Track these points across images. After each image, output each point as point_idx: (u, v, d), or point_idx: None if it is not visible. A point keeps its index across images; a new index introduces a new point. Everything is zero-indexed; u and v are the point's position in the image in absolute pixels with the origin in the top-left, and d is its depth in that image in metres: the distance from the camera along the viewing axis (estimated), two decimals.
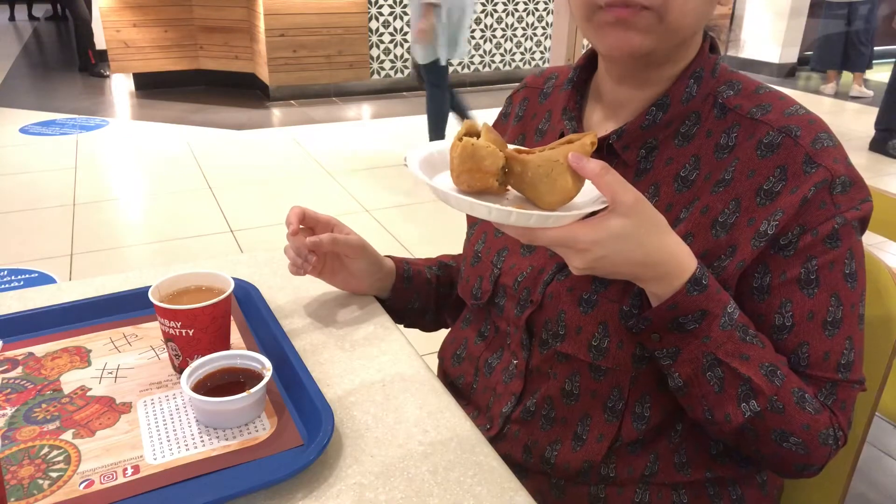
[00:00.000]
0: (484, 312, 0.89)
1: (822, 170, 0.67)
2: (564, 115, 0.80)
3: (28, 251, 2.93)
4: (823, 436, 0.69)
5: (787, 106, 0.72)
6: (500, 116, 0.96)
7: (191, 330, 0.78)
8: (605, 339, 0.74)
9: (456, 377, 0.93)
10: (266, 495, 0.64)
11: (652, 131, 0.74)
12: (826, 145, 0.69)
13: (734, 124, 0.72)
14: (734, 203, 0.70)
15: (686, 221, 0.72)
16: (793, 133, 0.69)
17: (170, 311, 0.77)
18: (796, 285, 0.69)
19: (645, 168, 0.75)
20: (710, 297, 0.65)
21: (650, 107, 0.74)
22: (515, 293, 0.81)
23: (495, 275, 0.84)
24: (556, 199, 0.61)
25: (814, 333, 0.69)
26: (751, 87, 0.75)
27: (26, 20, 11.09)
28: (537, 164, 0.61)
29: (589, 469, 0.79)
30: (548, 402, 0.80)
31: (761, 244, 0.68)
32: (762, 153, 0.70)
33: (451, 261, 1.07)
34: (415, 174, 0.63)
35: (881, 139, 4.46)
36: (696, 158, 0.73)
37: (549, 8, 6.28)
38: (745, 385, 0.67)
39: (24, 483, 0.64)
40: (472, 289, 0.88)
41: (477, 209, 0.59)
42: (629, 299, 0.72)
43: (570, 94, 0.82)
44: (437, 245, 2.96)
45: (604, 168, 0.59)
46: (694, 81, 0.74)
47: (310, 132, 4.77)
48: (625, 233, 0.60)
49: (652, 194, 0.74)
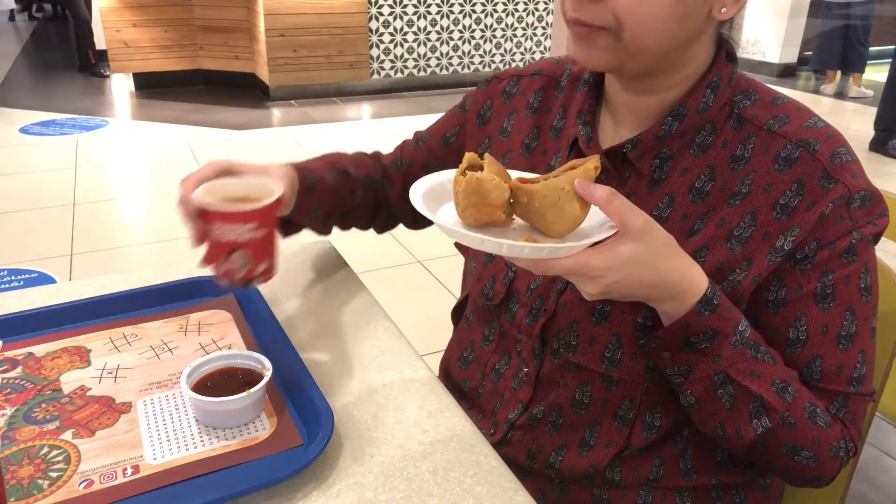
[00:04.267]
0: (491, 314, 0.88)
1: (841, 186, 0.67)
2: (579, 119, 0.79)
3: (28, 251, 2.92)
4: (835, 448, 0.69)
5: (805, 118, 0.71)
6: (502, 93, 0.91)
7: (265, 230, 0.74)
8: (618, 350, 0.74)
9: (462, 380, 0.93)
10: (266, 495, 0.64)
11: (667, 141, 0.73)
12: (845, 160, 0.68)
13: (750, 135, 0.71)
14: (750, 217, 0.69)
15: (701, 234, 0.71)
16: (811, 147, 0.68)
17: (243, 213, 0.72)
18: (812, 299, 0.69)
19: (659, 178, 0.74)
20: (721, 317, 0.65)
21: (666, 116, 0.73)
22: (528, 300, 0.80)
23: (510, 278, 0.83)
24: (564, 226, 0.62)
25: (828, 347, 0.69)
26: (768, 97, 0.74)
27: (26, 20, 11.08)
28: (543, 193, 0.61)
29: (594, 473, 0.78)
30: (556, 409, 0.80)
31: (777, 259, 0.68)
32: (780, 167, 0.69)
33: (351, 165, 0.97)
34: (421, 211, 0.63)
35: (881, 139, 4.46)
36: (711, 169, 0.72)
37: (549, 8, 6.28)
38: (756, 402, 0.67)
39: (23, 483, 0.64)
40: (484, 289, 0.86)
41: (488, 245, 0.59)
42: (643, 311, 0.71)
43: (585, 95, 0.81)
44: (437, 245, 2.97)
45: (611, 194, 0.59)
46: (711, 91, 0.72)
47: (310, 132, 4.77)
48: (636, 257, 0.60)
49: (666, 205, 0.73)
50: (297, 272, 1.05)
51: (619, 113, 0.78)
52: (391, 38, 5.85)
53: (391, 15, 5.77)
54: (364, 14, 5.63)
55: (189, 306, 0.94)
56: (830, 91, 6.17)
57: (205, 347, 0.85)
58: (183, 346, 0.85)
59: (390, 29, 5.81)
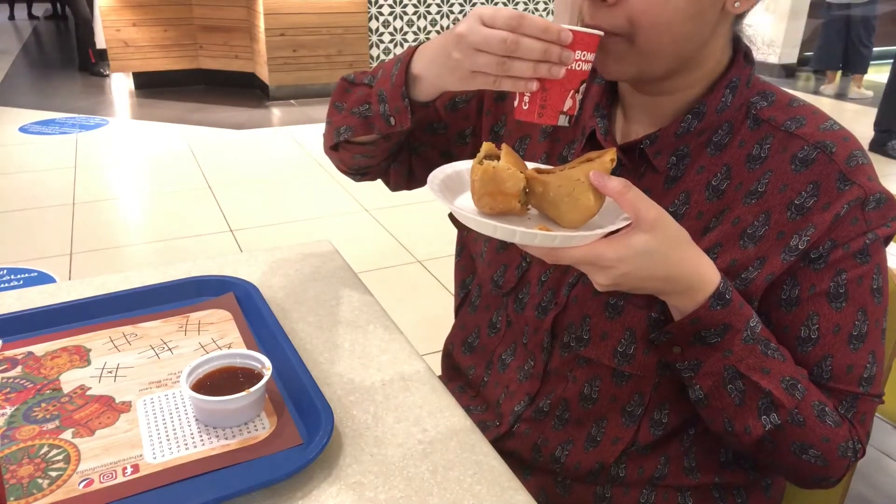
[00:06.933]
0: (499, 301, 0.87)
1: (856, 188, 0.67)
2: (596, 111, 0.79)
3: (27, 250, 2.92)
4: (843, 448, 0.69)
5: (821, 121, 0.72)
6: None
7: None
8: (631, 345, 0.74)
9: (466, 367, 0.93)
10: (266, 494, 0.64)
11: (685, 139, 0.74)
12: (861, 163, 0.69)
13: (767, 136, 0.72)
14: (764, 216, 0.70)
15: (716, 231, 0.72)
16: (828, 149, 0.69)
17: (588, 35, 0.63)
18: (825, 299, 0.69)
19: (676, 176, 0.74)
20: (732, 312, 0.65)
21: (685, 114, 0.73)
22: (539, 293, 0.80)
23: (523, 268, 0.82)
24: (578, 217, 0.62)
25: (839, 347, 0.69)
26: (785, 99, 0.74)
27: (26, 19, 11.08)
28: (558, 183, 0.62)
29: (600, 470, 0.78)
30: (563, 403, 0.80)
31: (791, 258, 0.68)
32: (796, 168, 0.69)
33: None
34: (437, 198, 0.64)
35: (881, 140, 4.47)
36: (727, 168, 0.73)
37: (550, 8, 6.28)
38: (765, 398, 0.67)
39: (23, 482, 0.64)
40: (494, 275, 0.86)
41: (500, 232, 0.60)
42: (657, 306, 0.72)
43: (602, 89, 0.80)
44: (438, 245, 2.97)
45: (625, 185, 0.59)
46: (730, 91, 0.73)
47: (310, 132, 4.77)
48: (648, 249, 0.60)
49: (682, 202, 0.74)
50: (297, 272, 1.05)
51: (633, 111, 0.78)
52: (391, 38, 5.85)
53: (391, 15, 5.77)
54: (364, 14, 5.63)
55: (189, 306, 0.94)
56: (830, 92, 6.17)
57: (205, 347, 0.85)
58: (183, 346, 0.85)
59: (390, 29, 5.81)
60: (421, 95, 0.76)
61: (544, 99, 0.65)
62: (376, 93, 0.78)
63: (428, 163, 0.90)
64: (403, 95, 0.75)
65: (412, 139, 0.92)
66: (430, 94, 0.76)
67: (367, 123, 0.81)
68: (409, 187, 0.98)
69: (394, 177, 0.97)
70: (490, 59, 0.63)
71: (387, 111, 0.77)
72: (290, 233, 3.16)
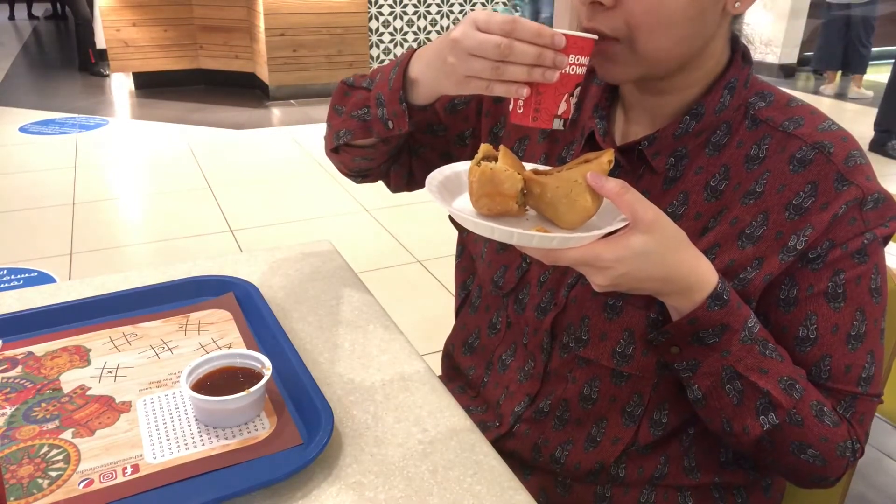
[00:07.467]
0: (499, 302, 0.88)
1: (854, 188, 0.67)
2: (596, 112, 0.79)
3: (28, 250, 2.92)
4: (841, 448, 0.69)
5: (819, 121, 0.72)
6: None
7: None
8: (630, 345, 0.74)
9: (467, 368, 0.93)
10: (266, 494, 0.64)
11: (683, 139, 0.74)
12: (859, 163, 0.69)
13: (765, 136, 0.72)
14: (762, 216, 0.70)
15: (714, 231, 0.72)
16: (826, 150, 0.69)
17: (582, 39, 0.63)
18: (823, 299, 0.69)
19: (674, 176, 0.74)
20: (730, 312, 0.65)
21: (683, 115, 0.73)
22: (538, 293, 0.81)
23: (523, 269, 0.83)
24: (576, 218, 0.63)
25: (837, 347, 0.69)
26: (783, 99, 0.74)
27: (26, 19, 11.08)
28: (556, 185, 0.62)
29: (600, 470, 0.79)
30: (563, 404, 0.80)
31: (789, 258, 0.68)
32: (794, 168, 0.69)
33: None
34: (435, 200, 0.64)
35: (880, 140, 4.47)
36: (725, 168, 0.73)
37: None
38: (763, 398, 0.67)
39: (23, 482, 0.64)
40: (494, 276, 0.86)
41: (498, 233, 0.60)
42: (656, 306, 0.72)
43: (601, 89, 0.80)
44: (438, 245, 2.97)
45: (623, 186, 0.60)
46: (728, 92, 0.73)
47: (310, 132, 4.77)
48: (646, 249, 0.60)
49: (681, 202, 0.74)
50: (297, 272, 1.05)
51: (634, 111, 0.78)
52: (391, 38, 5.85)
53: (391, 15, 5.77)
54: (364, 14, 5.63)
55: (189, 306, 0.94)
56: (830, 92, 6.17)
57: (205, 347, 0.85)
58: (183, 346, 0.85)
59: (390, 29, 5.81)
60: (418, 99, 0.76)
61: (538, 103, 0.65)
62: (374, 96, 0.78)
63: (428, 164, 0.90)
64: (401, 99, 0.75)
65: (412, 141, 0.92)
66: (427, 97, 0.76)
67: (365, 127, 0.81)
68: (410, 189, 0.98)
69: (394, 178, 0.97)
70: (484, 64, 0.63)
71: (385, 115, 0.78)
72: (290, 233, 3.16)
